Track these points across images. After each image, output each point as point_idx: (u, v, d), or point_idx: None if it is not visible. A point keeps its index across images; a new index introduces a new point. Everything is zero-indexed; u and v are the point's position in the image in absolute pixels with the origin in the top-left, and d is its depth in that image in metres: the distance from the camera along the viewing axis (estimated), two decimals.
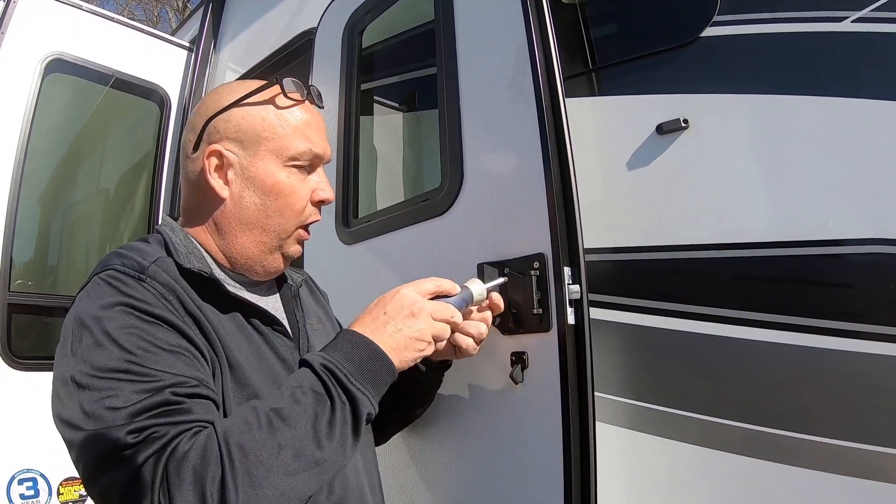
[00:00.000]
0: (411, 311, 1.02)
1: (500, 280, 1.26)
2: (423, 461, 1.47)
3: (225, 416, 0.92)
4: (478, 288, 1.18)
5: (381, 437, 1.35)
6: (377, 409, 0.95)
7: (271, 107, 1.03)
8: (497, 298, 1.24)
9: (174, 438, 0.80)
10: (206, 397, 0.88)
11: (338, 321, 1.35)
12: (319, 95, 1.12)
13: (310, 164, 1.07)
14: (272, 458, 0.82)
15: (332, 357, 0.93)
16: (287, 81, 1.03)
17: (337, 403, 0.90)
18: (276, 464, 0.82)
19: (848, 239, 1.12)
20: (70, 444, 0.86)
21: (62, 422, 0.87)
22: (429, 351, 1.03)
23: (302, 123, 1.05)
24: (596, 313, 1.30)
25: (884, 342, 1.05)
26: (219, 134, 1.02)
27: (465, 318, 1.16)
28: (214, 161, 1.02)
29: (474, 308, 1.21)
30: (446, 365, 1.30)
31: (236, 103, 1.02)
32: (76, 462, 0.87)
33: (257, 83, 1.05)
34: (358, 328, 0.99)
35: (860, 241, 1.11)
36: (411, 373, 1.20)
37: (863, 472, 1.05)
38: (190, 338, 0.91)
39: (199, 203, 1.06)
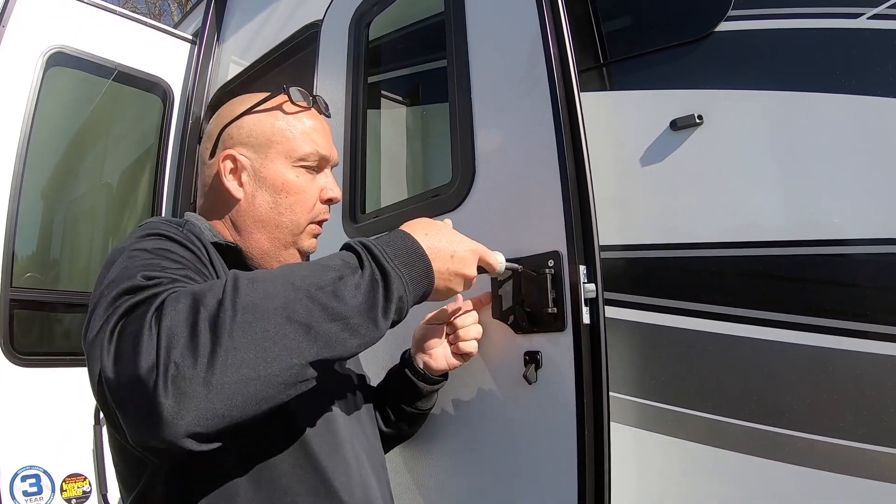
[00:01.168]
0: (463, 237, 1.04)
1: (516, 265, 1.24)
2: (435, 461, 1.46)
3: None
4: (500, 259, 1.15)
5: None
6: (410, 302, 0.90)
7: (280, 113, 1.11)
8: (486, 297, 1.32)
9: (179, 281, 0.83)
10: None
11: None
12: (326, 105, 1.20)
13: (317, 166, 1.13)
14: (283, 291, 0.78)
15: (371, 239, 0.92)
16: (293, 90, 1.12)
17: (367, 271, 0.86)
18: (289, 299, 0.77)
19: (862, 238, 1.11)
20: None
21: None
22: (460, 287, 1.02)
23: (308, 128, 1.12)
24: (608, 312, 1.28)
25: None
26: (232, 140, 1.10)
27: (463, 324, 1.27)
28: (229, 165, 1.10)
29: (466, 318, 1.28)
30: (444, 379, 1.33)
31: (248, 111, 1.11)
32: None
33: (267, 94, 1.14)
34: (406, 228, 0.99)
35: (874, 240, 1.10)
36: (409, 388, 1.29)
37: (873, 473, 1.04)
38: (214, 274, 0.98)
39: (216, 205, 1.13)
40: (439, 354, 1.28)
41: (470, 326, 1.27)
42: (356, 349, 0.83)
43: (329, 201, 1.15)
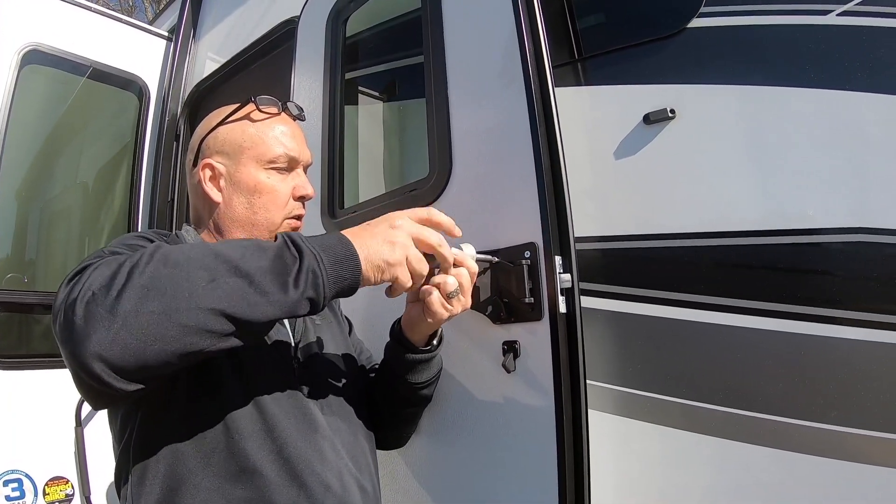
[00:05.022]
0: (391, 223, 0.99)
1: (490, 257, 1.26)
2: (416, 451, 1.47)
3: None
4: (469, 250, 1.14)
5: (392, 438, 1.38)
6: (327, 278, 0.90)
7: (249, 121, 1.19)
8: (473, 265, 1.16)
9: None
10: None
11: (348, 320, 1.39)
12: (300, 109, 1.28)
13: (288, 166, 1.20)
14: (199, 251, 0.86)
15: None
16: (261, 98, 1.20)
17: (279, 242, 0.91)
18: (202, 254, 0.85)
19: (832, 228, 1.14)
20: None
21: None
22: (400, 271, 0.97)
23: (278, 133, 1.20)
24: (584, 301, 1.30)
25: (865, 328, 1.07)
26: (209, 150, 1.20)
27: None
28: (208, 172, 1.18)
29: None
30: (431, 347, 1.26)
31: (222, 122, 1.20)
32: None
33: (238, 104, 1.21)
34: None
35: (844, 230, 1.12)
36: (398, 357, 1.24)
37: (845, 454, 1.07)
38: None
39: (200, 210, 1.22)
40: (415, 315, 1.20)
41: (440, 275, 1.12)
42: (266, 312, 0.85)
43: (302, 198, 1.22)
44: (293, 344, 1.18)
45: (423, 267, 1.00)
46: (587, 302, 1.32)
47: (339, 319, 1.36)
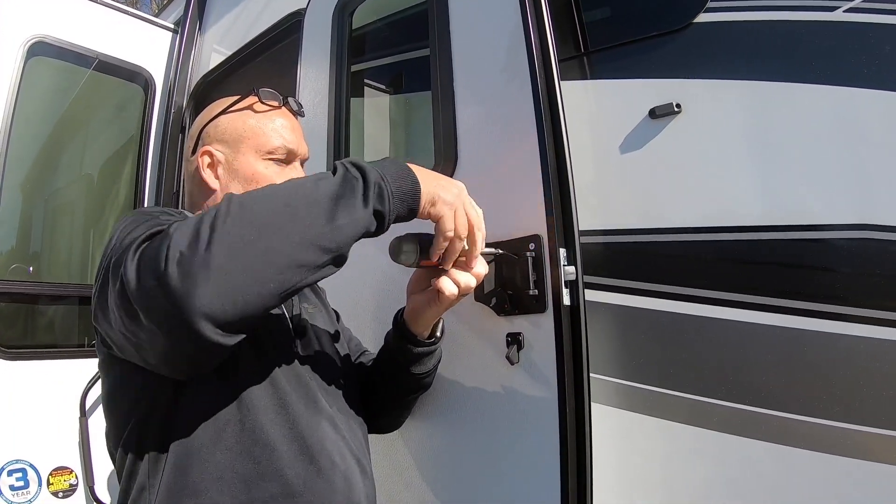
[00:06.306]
0: (451, 181, 1.04)
1: (494, 249, 1.26)
2: (419, 442, 1.48)
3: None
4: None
5: (388, 423, 1.38)
6: (393, 195, 0.94)
7: (251, 112, 1.21)
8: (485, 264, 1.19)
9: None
10: None
11: (335, 312, 1.38)
12: (299, 105, 1.29)
13: (286, 159, 1.21)
14: (269, 191, 0.89)
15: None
16: (264, 91, 1.22)
17: (343, 170, 0.93)
18: (271, 196, 0.87)
19: (836, 224, 1.14)
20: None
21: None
22: (447, 212, 1.01)
23: (278, 125, 1.21)
24: (588, 295, 1.30)
25: (869, 325, 1.07)
26: (210, 137, 1.21)
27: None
28: (206, 160, 1.20)
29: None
30: (435, 340, 1.26)
31: (223, 112, 1.21)
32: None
33: (241, 96, 1.23)
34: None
35: (848, 226, 1.13)
36: (403, 350, 1.24)
37: (847, 450, 1.07)
38: None
39: (196, 196, 1.23)
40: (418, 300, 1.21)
41: (460, 272, 1.12)
42: (347, 233, 0.89)
43: None
44: (290, 327, 1.18)
45: (464, 224, 1.03)
46: (590, 295, 1.32)
47: (328, 308, 1.37)
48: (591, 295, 1.32)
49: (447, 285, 1.09)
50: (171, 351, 0.85)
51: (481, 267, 1.12)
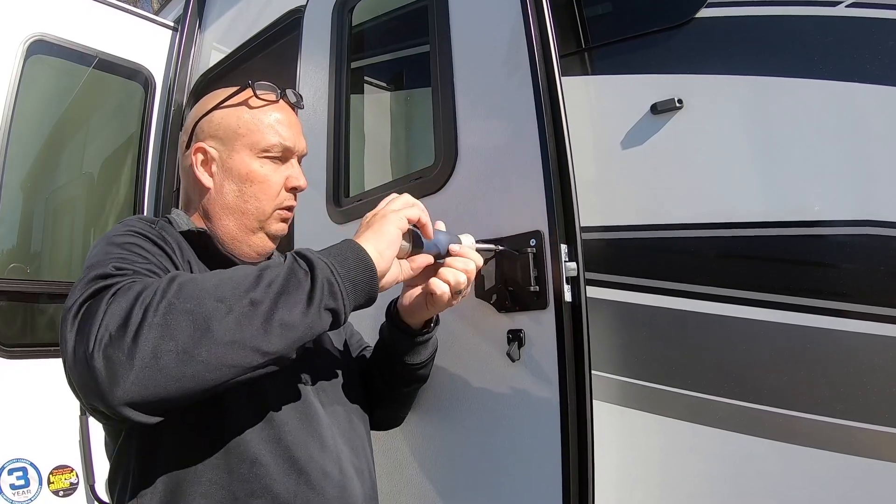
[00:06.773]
0: (375, 213, 1.06)
1: (493, 245, 1.26)
2: (420, 439, 1.48)
3: None
4: (467, 240, 1.17)
5: (389, 419, 1.38)
6: (345, 289, 0.92)
7: (246, 107, 1.17)
8: (477, 257, 1.18)
9: (140, 273, 0.91)
10: None
11: None
12: (299, 97, 1.24)
13: (282, 156, 1.18)
14: (211, 280, 0.86)
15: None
16: (259, 84, 1.17)
17: (288, 261, 0.91)
18: (209, 287, 0.84)
19: (838, 220, 1.14)
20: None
21: None
22: (408, 212, 1.04)
23: (273, 121, 1.17)
24: (589, 291, 1.30)
25: (871, 321, 1.07)
26: (203, 133, 1.17)
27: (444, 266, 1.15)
28: (200, 156, 1.16)
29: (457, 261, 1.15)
30: (429, 329, 1.26)
31: (217, 106, 1.17)
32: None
33: (237, 88, 1.18)
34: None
35: (849, 222, 1.12)
36: (397, 341, 1.25)
37: (850, 448, 1.07)
38: (178, 266, 1.04)
39: (191, 193, 1.20)
40: (413, 297, 1.22)
41: (448, 269, 1.15)
42: (287, 337, 0.86)
43: (294, 189, 1.19)
44: None
45: (412, 206, 1.05)
46: (592, 292, 1.31)
47: None
48: (593, 292, 1.32)
49: (437, 285, 1.11)
50: (97, 415, 0.87)
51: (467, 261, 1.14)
